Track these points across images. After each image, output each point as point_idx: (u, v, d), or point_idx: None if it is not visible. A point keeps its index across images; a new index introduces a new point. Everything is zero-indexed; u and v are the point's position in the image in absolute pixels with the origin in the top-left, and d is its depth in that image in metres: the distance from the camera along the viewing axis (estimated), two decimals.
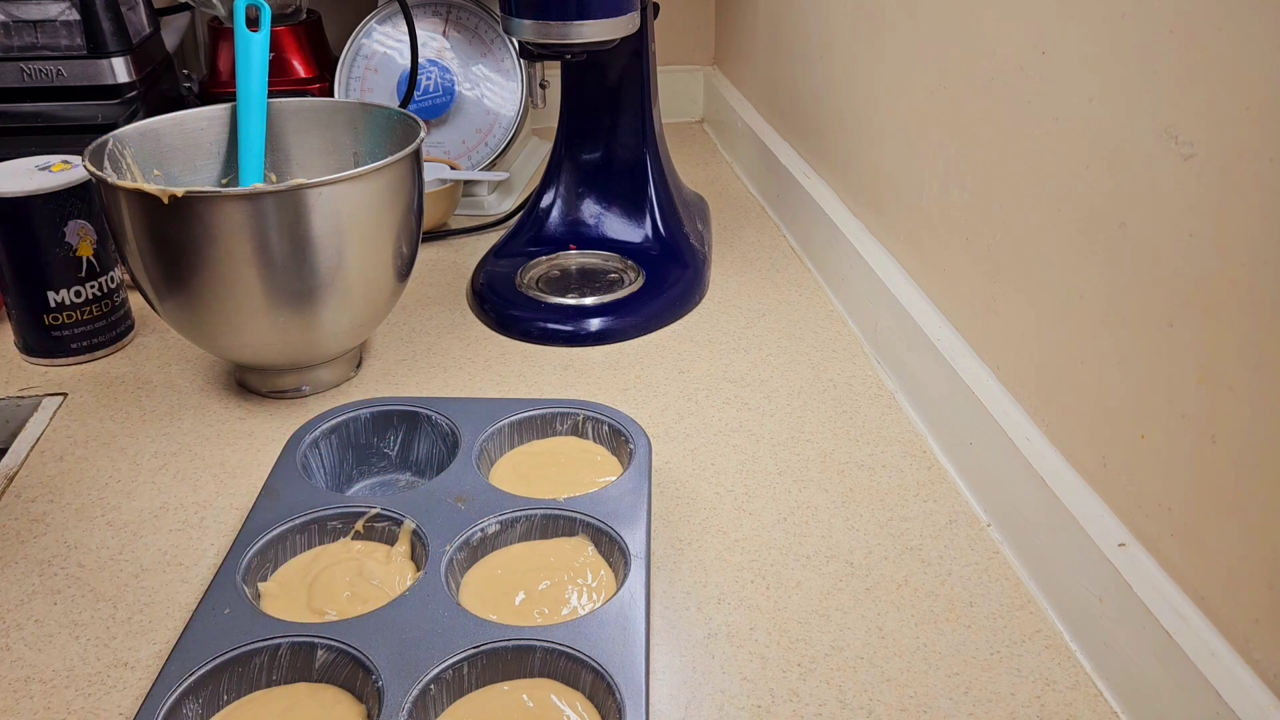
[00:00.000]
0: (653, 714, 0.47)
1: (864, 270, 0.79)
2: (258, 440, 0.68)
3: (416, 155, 0.69)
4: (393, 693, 0.43)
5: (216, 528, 0.60)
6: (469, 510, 0.54)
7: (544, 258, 0.89)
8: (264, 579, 0.51)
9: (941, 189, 0.68)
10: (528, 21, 0.76)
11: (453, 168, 1.03)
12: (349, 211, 0.64)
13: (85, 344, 0.77)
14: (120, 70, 0.89)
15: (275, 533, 0.52)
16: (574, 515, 0.54)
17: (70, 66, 0.88)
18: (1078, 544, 0.51)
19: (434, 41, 1.05)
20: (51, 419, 0.70)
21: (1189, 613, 0.44)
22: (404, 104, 0.96)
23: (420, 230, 0.73)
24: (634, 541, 0.51)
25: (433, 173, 1.00)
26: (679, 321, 0.84)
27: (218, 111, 0.76)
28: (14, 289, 0.75)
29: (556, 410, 0.62)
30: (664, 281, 0.85)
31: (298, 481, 0.56)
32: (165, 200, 0.60)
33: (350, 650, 0.45)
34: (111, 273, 0.78)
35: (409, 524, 0.53)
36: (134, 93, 0.91)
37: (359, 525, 0.54)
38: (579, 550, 0.53)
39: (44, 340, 0.77)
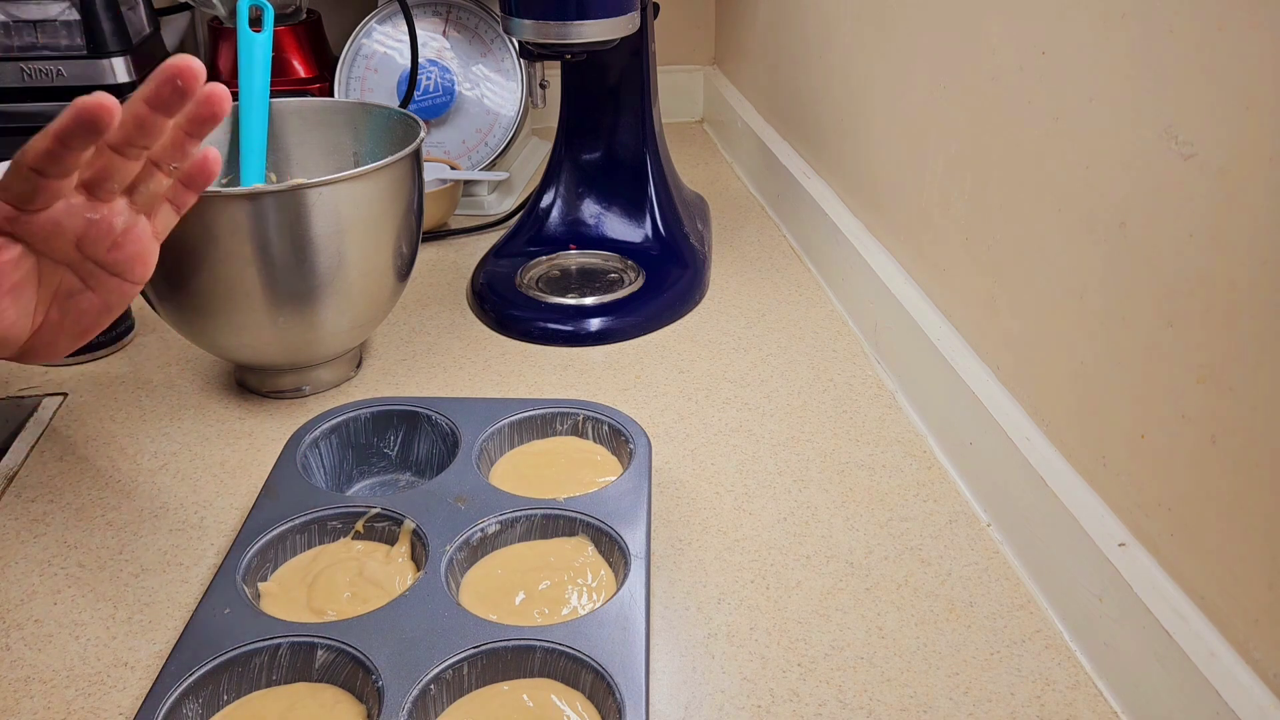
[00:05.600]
0: (653, 714, 0.47)
1: (864, 270, 0.79)
2: (258, 440, 0.68)
3: (416, 155, 0.69)
4: (393, 693, 0.43)
5: (216, 528, 0.60)
6: (469, 510, 0.54)
7: (544, 258, 0.90)
8: (264, 579, 0.51)
9: (941, 189, 0.68)
10: (528, 21, 0.76)
11: (453, 168, 1.03)
12: (349, 211, 0.64)
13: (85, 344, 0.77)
14: (120, 70, 0.89)
15: (275, 533, 0.52)
16: (574, 515, 0.54)
17: (70, 66, 0.88)
18: (1078, 544, 0.51)
19: (434, 41, 1.05)
20: (51, 419, 0.70)
21: (1189, 613, 0.44)
22: (404, 104, 0.96)
23: (420, 230, 0.73)
24: (634, 541, 0.51)
25: (433, 173, 1.00)
26: (679, 321, 0.84)
27: None
28: None
29: (556, 410, 0.62)
30: (664, 281, 0.85)
31: (298, 481, 0.56)
32: None
33: (350, 650, 0.45)
34: None
35: (409, 524, 0.53)
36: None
37: (359, 525, 0.54)
38: (579, 550, 0.53)
39: None
